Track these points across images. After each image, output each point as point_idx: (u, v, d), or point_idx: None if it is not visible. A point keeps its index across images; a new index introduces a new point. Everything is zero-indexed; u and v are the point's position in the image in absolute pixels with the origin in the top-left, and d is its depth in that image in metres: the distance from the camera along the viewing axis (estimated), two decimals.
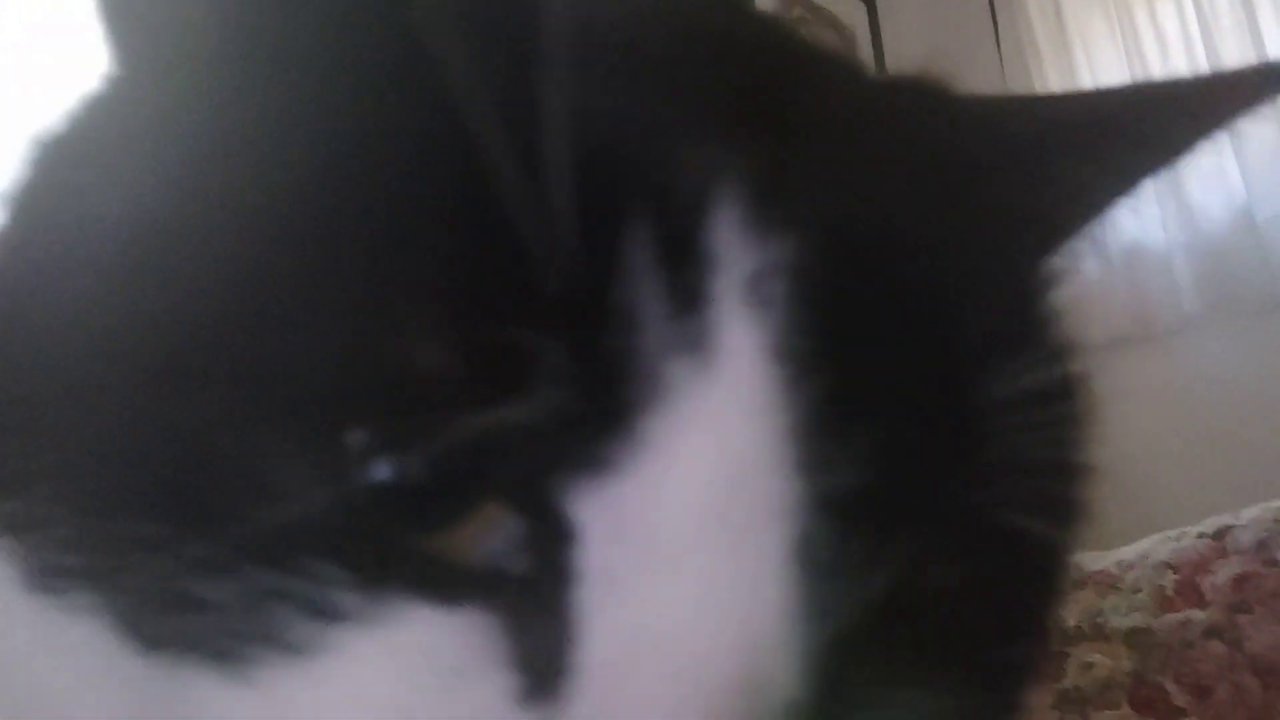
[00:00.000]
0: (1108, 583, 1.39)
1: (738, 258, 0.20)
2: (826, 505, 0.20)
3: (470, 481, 0.19)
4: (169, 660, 0.20)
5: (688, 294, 0.19)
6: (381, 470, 0.19)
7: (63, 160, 0.25)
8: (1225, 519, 1.37)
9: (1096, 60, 3.02)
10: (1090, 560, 1.45)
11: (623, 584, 0.19)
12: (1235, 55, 2.75)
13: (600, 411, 0.19)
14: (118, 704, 0.21)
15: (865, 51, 3.14)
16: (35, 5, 0.97)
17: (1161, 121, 0.32)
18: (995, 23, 3.19)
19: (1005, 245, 0.26)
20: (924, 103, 0.29)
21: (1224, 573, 1.29)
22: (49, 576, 0.21)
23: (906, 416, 0.21)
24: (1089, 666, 1.29)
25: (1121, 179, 0.32)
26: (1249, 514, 1.35)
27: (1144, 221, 2.91)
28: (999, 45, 3.17)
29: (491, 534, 0.20)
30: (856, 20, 3.11)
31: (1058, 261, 0.31)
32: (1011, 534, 0.23)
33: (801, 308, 0.20)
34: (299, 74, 0.21)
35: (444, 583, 0.19)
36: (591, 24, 0.21)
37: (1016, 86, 3.10)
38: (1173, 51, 2.90)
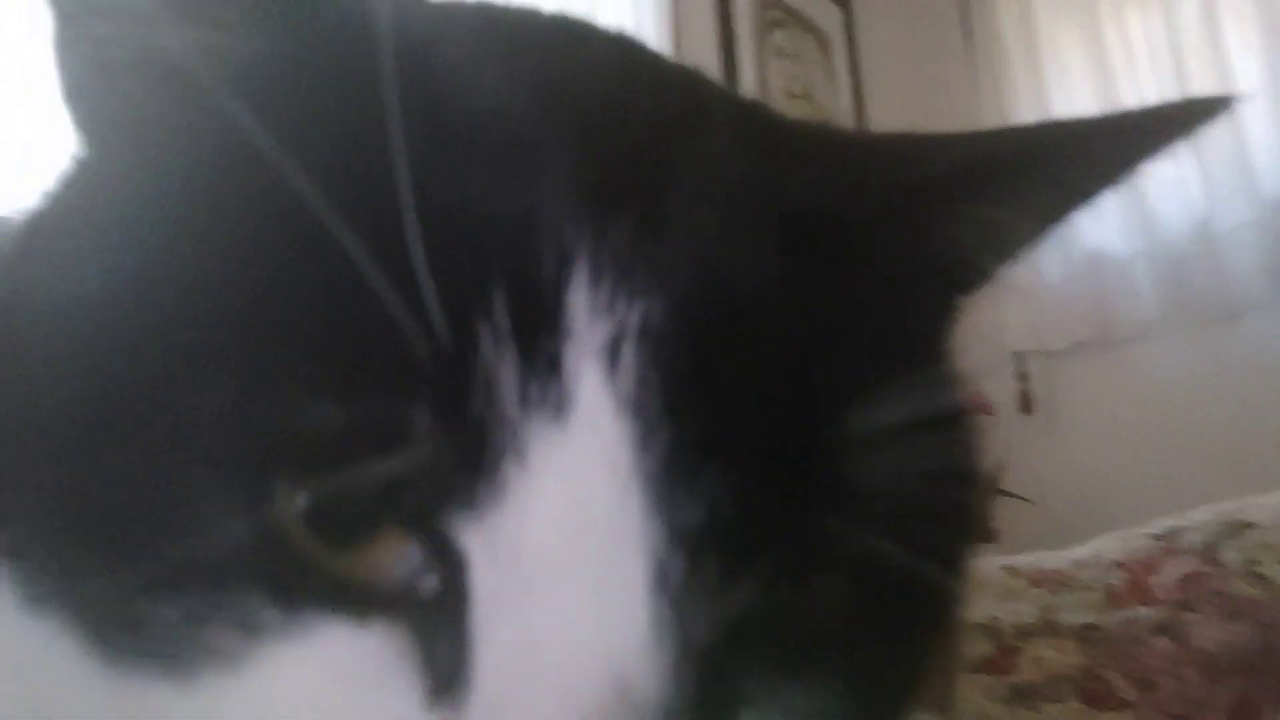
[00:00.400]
0: (1060, 581, 1.43)
1: (591, 326, 0.22)
2: (683, 539, 0.22)
3: (368, 514, 0.22)
4: (127, 669, 0.23)
5: (545, 360, 0.22)
6: (288, 507, 0.22)
7: (38, 230, 0.28)
8: (1173, 521, 1.42)
9: (1065, 66, 3.07)
10: (1044, 559, 1.49)
11: (505, 604, 0.22)
12: (1200, 68, 2.81)
13: (473, 460, 0.22)
14: (96, 706, 0.24)
15: (841, 53, 3.17)
16: None
17: (1075, 161, 0.33)
18: (968, 26, 3.24)
19: (872, 296, 0.27)
20: (807, 155, 0.31)
21: (1171, 572, 1.33)
22: (33, 594, 0.24)
23: (758, 459, 0.23)
24: (1040, 661, 1.33)
25: (1035, 220, 0.34)
26: (1196, 516, 1.40)
27: (1105, 230, 2.97)
28: (972, 48, 3.22)
29: (399, 562, 0.23)
30: (832, 23, 3.14)
31: (971, 295, 0.34)
32: (871, 556, 0.25)
33: (655, 368, 0.22)
34: (198, 201, 0.25)
35: (354, 601, 0.22)
36: (446, 108, 0.24)
37: (988, 89, 3.15)
38: (1139, 63, 2.95)
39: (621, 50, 0.33)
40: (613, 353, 0.22)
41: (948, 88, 3.20)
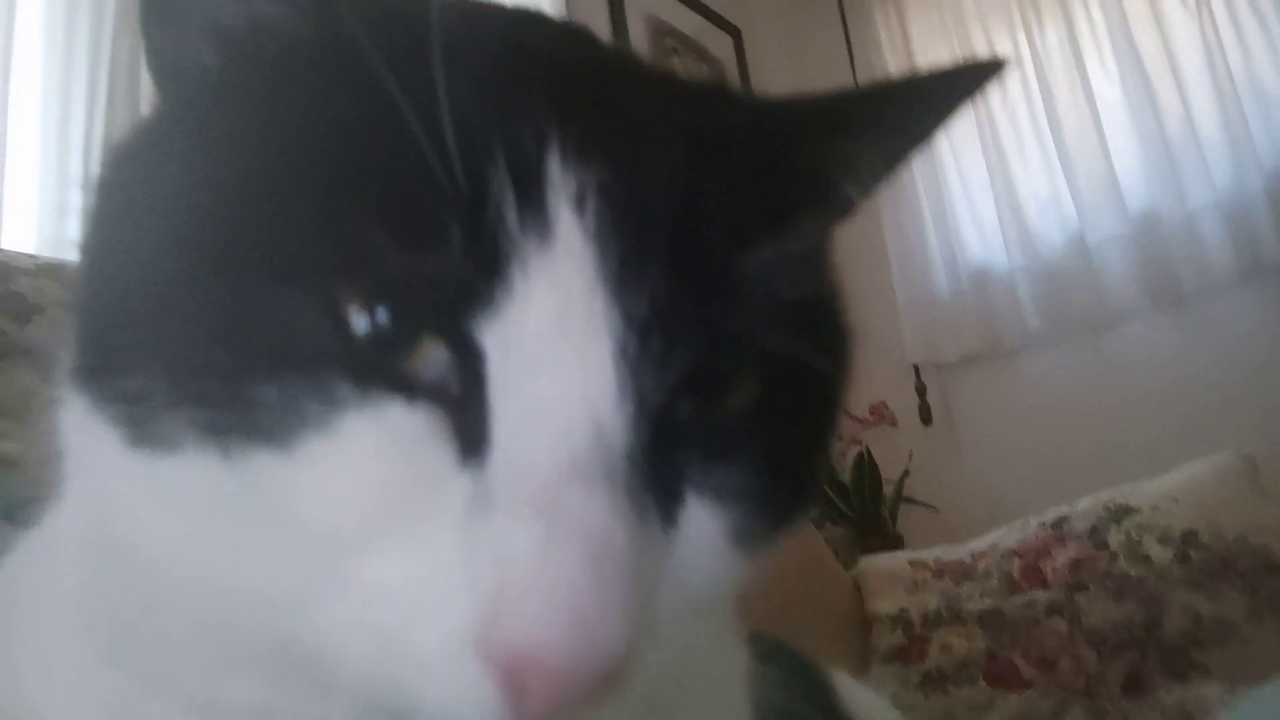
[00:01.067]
0: (962, 571, 1.50)
1: (563, 181, 0.31)
2: (634, 323, 0.31)
3: (413, 321, 0.30)
4: (239, 451, 0.30)
5: (534, 202, 0.31)
6: (362, 318, 0.30)
7: (127, 160, 0.37)
8: (1062, 510, 1.50)
9: None
10: (946, 553, 1.56)
11: (513, 381, 0.30)
12: (1065, 91, 2.99)
13: (488, 270, 0.30)
14: (206, 505, 0.32)
15: (734, 79, 3.26)
16: None
17: (908, 108, 0.43)
18: (851, 54, 3.38)
19: (757, 186, 0.37)
20: (715, 100, 0.41)
21: (1062, 557, 1.41)
22: (148, 426, 0.31)
23: (682, 276, 0.32)
24: (948, 648, 1.40)
25: (882, 155, 0.44)
26: (1082, 505, 1.49)
27: (989, 247, 3.12)
28: (854, 76, 3.35)
29: (434, 363, 0.30)
30: (724, 50, 3.24)
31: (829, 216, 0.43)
32: (766, 349, 0.34)
33: (608, 210, 0.31)
34: (284, 97, 0.34)
35: (406, 387, 0.30)
36: (470, 53, 0.33)
37: None
38: (1010, 88, 3.11)
39: (574, 25, 0.45)
40: (579, 200, 0.31)
41: None
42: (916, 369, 3.08)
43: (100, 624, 0.39)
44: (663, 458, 0.32)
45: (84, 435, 0.36)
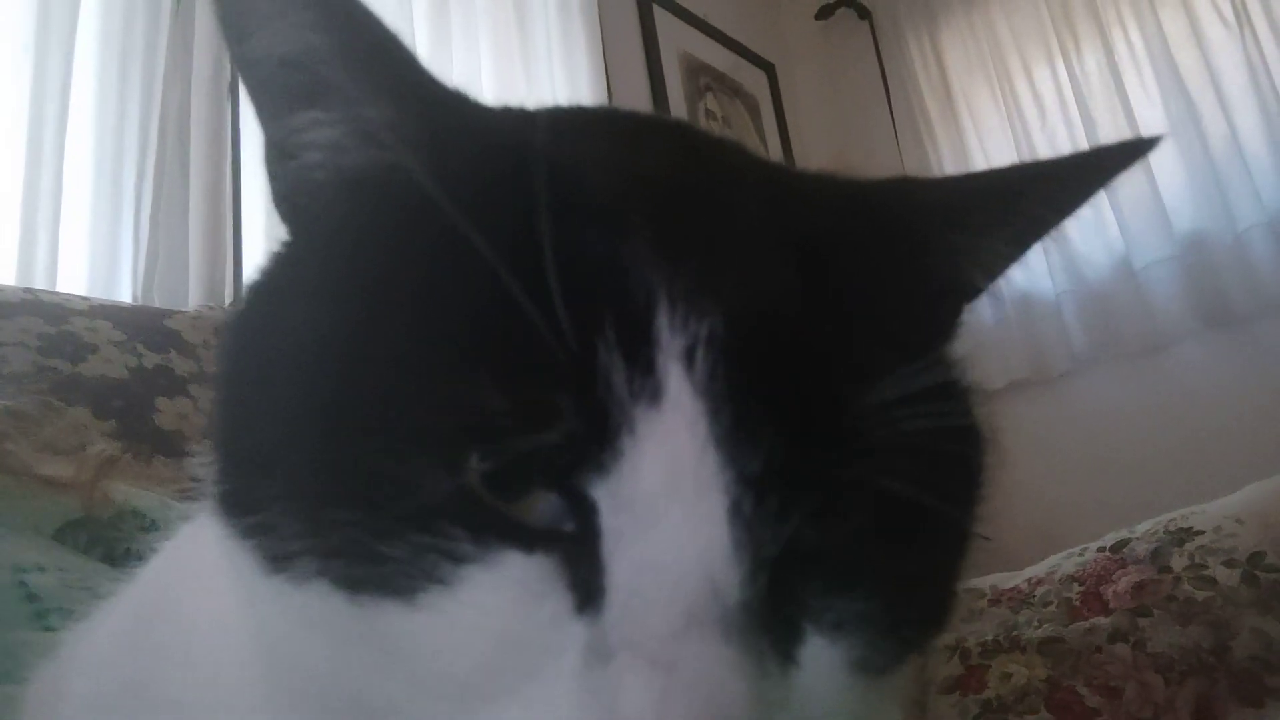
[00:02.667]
0: (1020, 598, 1.46)
1: (672, 339, 0.31)
2: (749, 481, 0.31)
3: (526, 476, 0.31)
4: (366, 599, 0.31)
5: (643, 363, 0.31)
6: (478, 474, 0.30)
7: (260, 296, 0.38)
8: (1122, 534, 1.46)
9: (981, 119, 3.22)
10: (1002, 580, 1.52)
11: (626, 536, 0.30)
12: (1106, 117, 2.97)
13: (599, 434, 0.30)
14: (337, 636, 0.32)
15: (769, 114, 3.28)
16: None
17: (1041, 196, 0.42)
18: (887, 87, 3.38)
19: (879, 301, 0.36)
20: (819, 197, 0.40)
21: (1124, 581, 1.37)
22: (282, 561, 0.32)
23: (799, 426, 0.31)
24: (1007, 677, 1.36)
25: (1012, 245, 0.43)
26: (1142, 527, 1.45)
27: (1033, 273, 3.08)
28: (891, 109, 3.35)
29: (547, 510, 0.31)
30: (758, 86, 3.26)
31: (958, 310, 0.42)
32: (890, 495, 0.33)
33: (720, 365, 0.31)
34: (401, 252, 0.34)
35: (521, 538, 0.31)
36: (572, 192, 0.33)
37: (908, 145, 3.27)
38: (1050, 115, 3.10)
39: (676, 131, 0.45)
40: (689, 357, 0.31)
41: (872, 143, 3.33)
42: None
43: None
44: (783, 593, 0.32)
45: (226, 554, 0.37)
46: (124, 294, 1.54)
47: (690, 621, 0.29)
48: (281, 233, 0.40)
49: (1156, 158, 2.62)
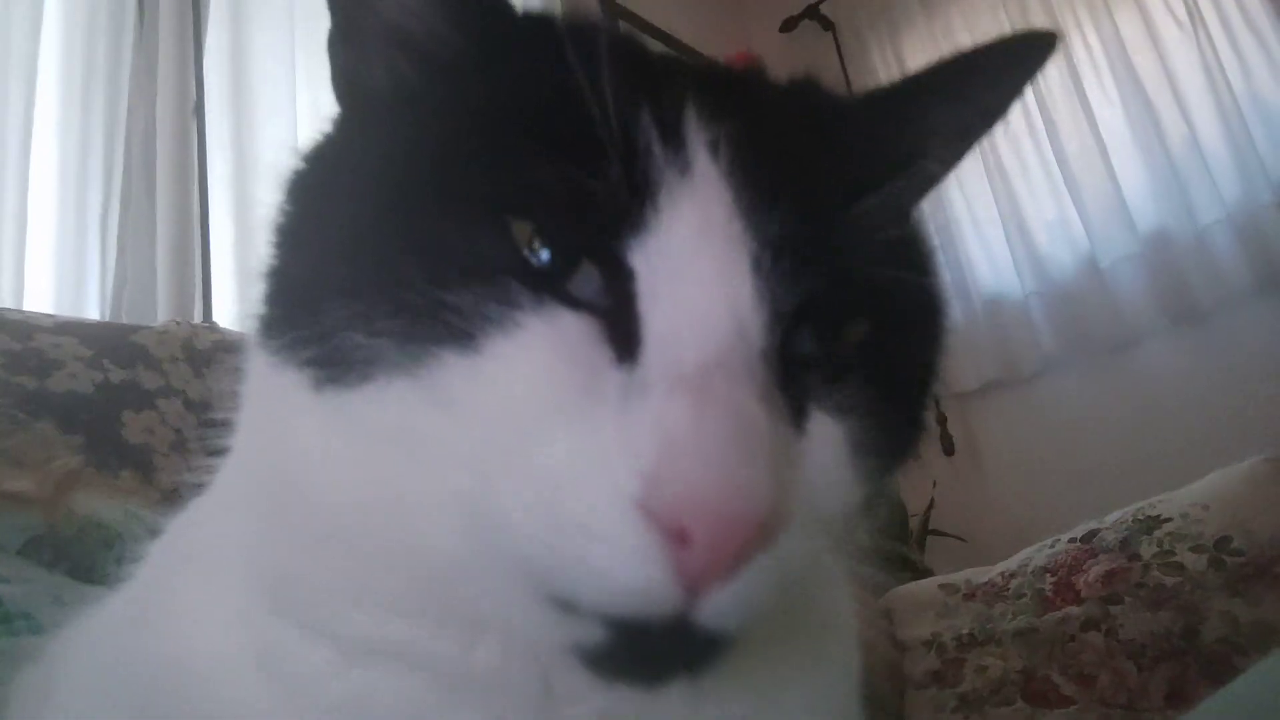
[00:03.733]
0: (994, 592, 1.47)
1: (699, 131, 0.37)
2: (768, 241, 0.36)
3: (573, 251, 0.36)
4: (432, 356, 0.35)
5: (676, 145, 0.36)
6: (538, 254, 0.35)
7: (322, 156, 0.44)
8: (1092, 524, 1.48)
9: None
10: (976, 575, 1.53)
11: (661, 294, 0.35)
12: (1067, 119, 3.01)
13: (639, 198, 0.35)
14: (394, 416, 0.36)
15: None
16: None
17: (986, 78, 0.48)
18: (848, 84, 3.41)
19: (864, 141, 0.43)
20: (809, 88, 0.48)
21: (1095, 571, 1.39)
22: (338, 365, 0.36)
23: (804, 211, 0.37)
24: (983, 669, 1.37)
25: (960, 120, 0.49)
26: (1112, 517, 1.46)
27: (1000, 274, 3.12)
28: None
29: (587, 284, 0.36)
30: None
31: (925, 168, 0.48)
32: (881, 279, 0.39)
33: (739, 154, 0.37)
34: (463, 83, 0.41)
35: (571, 301, 0.35)
36: (622, 49, 0.39)
37: None
38: (1012, 120, 3.13)
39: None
40: (713, 146, 0.37)
41: None
42: (936, 399, 3.06)
43: (266, 575, 0.42)
44: (792, 378, 0.37)
45: (266, 390, 0.42)
46: (92, 315, 1.54)
47: (720, 356, 0.34)
48: (249, 253, 0.44)
49: (1118, 157, 2.64)
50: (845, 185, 0.39)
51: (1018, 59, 0.48)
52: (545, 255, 0.35)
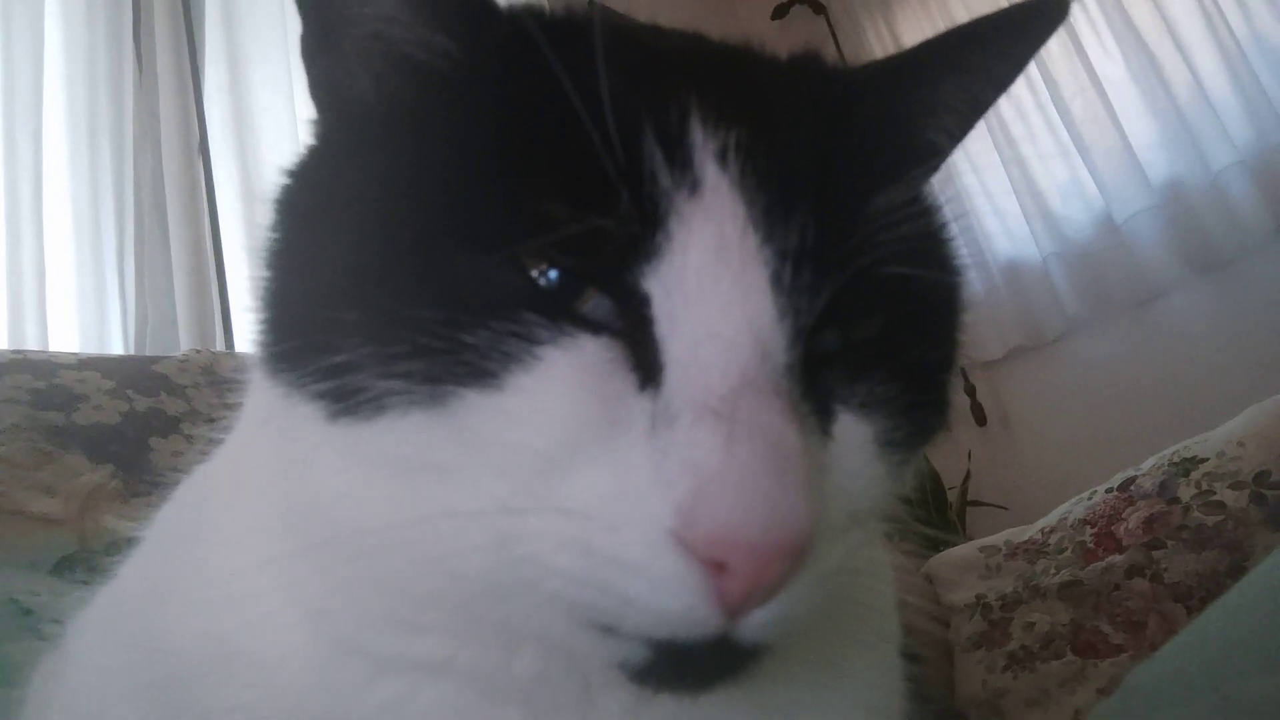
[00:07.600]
0: (1035, 549, 1.46)
1: (705, 141, 0.36)
2: (785, 255, 0.35)
3: (581, 279, 0.35)
4: (450, 391, 0.34)
5: (682, 161, 0.35)
6: (547, 274, 0.34)
7: (305, 171, 0.43)
8: (1129, 472, 1.46)
9: None
10: (1016, 534, 1.52)
11: (678, 316, 0.34)
12: (1069, 79, 2.98)
13: (650, 226, 0.34)
14: (411, 450, 0.35)
15: None
16: None
17: (996, 48, 0.47)
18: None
19: (874, 132, 0.41)
20: (813, 67, 0.47)
21: (1134, 518, 1.37)
22: (352, 397, 0.35)
23: (820, 215, 0.36)
24: (1031, 626, 1.35)
25: (970, 92, 0.47)
26: (1148, 464, 1.44)
27: (1016, 240, 3.10)
28: None
29: (597, 308, 0.35)
30: None
31: (937, 141, 0.48)
32: (896, 278, 0.38)
33: (749, 162, 0.36)
34: (456, 100, 0.39)
35: (587, 326, 0.34)
36: (620, 53, 0.37)
37: None
38: (1014, 86, 3.11)
39: (700, 33, 0.50)
40: (722, 156, 0.36)
41: None
42: (963, 370, 3.03)
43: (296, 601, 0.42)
44: (814, 382, 0.36)
45: (276, 419, 0.40)
46: (117, 353, 1.56)
47: (744, 380, 0.33)
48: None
49: (1124, 111, 2.61)
50: (862, 178, 0.38)
51: (1027, 27, 0.46)
52: (554, 275, 0.35)
